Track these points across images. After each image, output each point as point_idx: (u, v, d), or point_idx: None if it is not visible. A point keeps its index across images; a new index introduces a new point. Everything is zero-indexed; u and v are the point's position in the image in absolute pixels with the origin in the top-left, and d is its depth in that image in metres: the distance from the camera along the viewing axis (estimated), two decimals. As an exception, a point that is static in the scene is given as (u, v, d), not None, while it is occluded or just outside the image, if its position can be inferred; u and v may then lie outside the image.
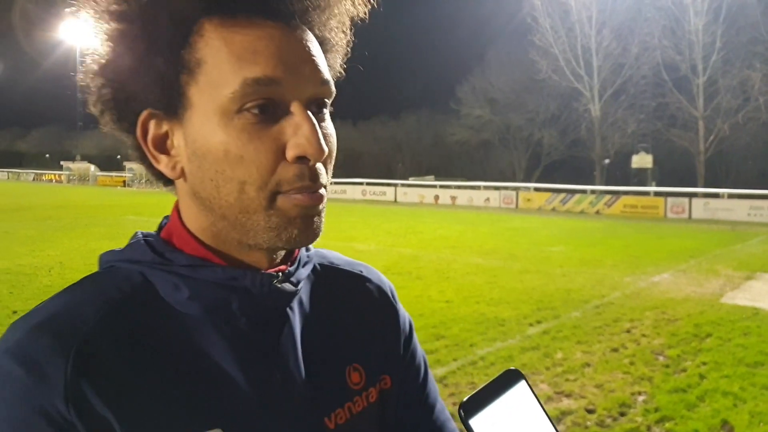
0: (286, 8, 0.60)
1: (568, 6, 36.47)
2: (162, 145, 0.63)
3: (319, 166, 0.61)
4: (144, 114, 0.62)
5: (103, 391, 0.54)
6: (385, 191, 32.03)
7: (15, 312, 6.55)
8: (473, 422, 0.55)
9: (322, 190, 0.62)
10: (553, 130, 45.32)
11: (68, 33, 67.19)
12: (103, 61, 0.61)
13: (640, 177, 34.82)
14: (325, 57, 0.65)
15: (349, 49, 0.71)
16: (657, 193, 25.79)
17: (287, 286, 0.65)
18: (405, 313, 0.84)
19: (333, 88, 0.63)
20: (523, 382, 0.59)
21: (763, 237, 16.27)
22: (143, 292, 0.61)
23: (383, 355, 0.77)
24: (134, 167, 47.29)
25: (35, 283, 8.15)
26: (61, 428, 0.52)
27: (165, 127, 0.62)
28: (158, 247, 0.64)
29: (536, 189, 30.44)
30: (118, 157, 67.61)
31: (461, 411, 0.55)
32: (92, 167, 52.83)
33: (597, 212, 24.97)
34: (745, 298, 8.03)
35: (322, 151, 0.59)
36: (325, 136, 0.61)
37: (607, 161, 38.42)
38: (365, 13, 0.69)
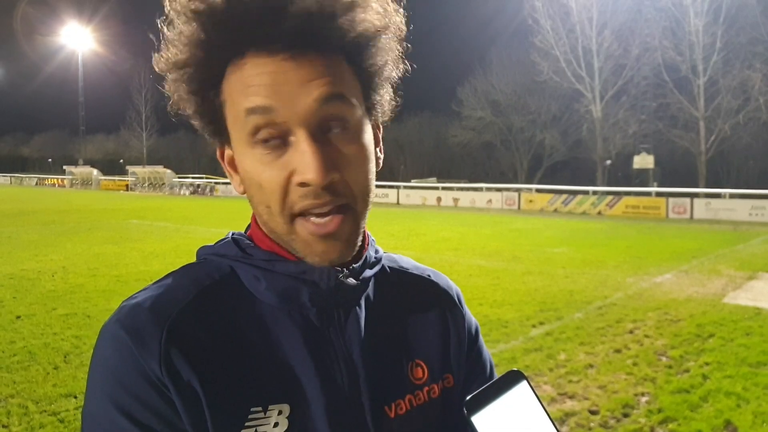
0: (286, 40, 0.62)
1: (569, 7, 36.46)
2: (234, 165, 0.72)
3: (330, 186, 0.64)
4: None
5: (189, 359, 0.63)
6: (387, 193, 32.00)
7: (19, 317, 6.57)
8: (475, 419, 0.58)
9: (342, 210, 0.65)
10: (555, 132, 45.30)
11: (70, 38, 67.54)
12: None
13: (641, 178, 34.79)
14: (365, 77, 0.68)
15: (397, 61, 0.72)
16: (659, 194, 25.73)
17: (351, 281, 0.71)
18: (472, 317, 0.89)
19: (345, 105, 0.65)
20: (524, 383, 0.61)
21: (765, 237, 16.23)
22: (230, 281, 0.71)
23: (447, 354, 0.82)
24: (137, 171, 47.35)
25: (38, 288, 8.17)
26: (157, 388, 0.62)
27: (230, 152, 0.71)
28: (242, 244, 0.73)
29: (538, 190, 30.40)
30: (121, 161, 67.88)
31: (464, 408, 0.59)
32: (95, 171, 52.81)
33: (599, 213, 24.93)
34: (748, 298, 8.03)
35: (322, 176, 0.62)
36: (337, 156, 0.64)
37: (608, 162, 38.37)
38: (405, 32, 0.71)
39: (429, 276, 0.87)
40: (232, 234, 0.76)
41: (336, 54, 0.65)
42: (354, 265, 0.73)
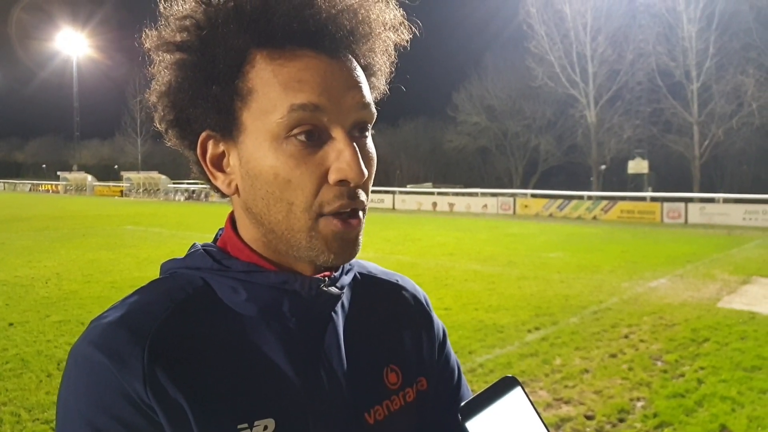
0: (330, 41, 0.64)
1: (563, 13, 36.66)
2: (219, 163, 0.70)
3: (360, 187, 0.66)
4: (203, 135, 0.68)
5: (174, 377, 0.61)
6: (383, 198, 32.02)
7: (11, 324, 6.53)
8: (470, 425, 0.59)
9: (360, 213, 0.66)
10: (550, 137, 45.48)
11: (65, 44, 67.49)
12: (165, 87, 0.67)
13: (636, 182, 34.91)
14: (370, 80, 0.70)
15: (393, 68, 0.75)
16: (653, 199, 25.86)
17: (333, 289, 0.71)
18: (439, 320, 0.89)
19: (374, 111, 0.68)
20: (518, 389, 0.62)
21: (759, 241, 16.31)
22: (204, 294, 0.68)
23: (419, 358, 0.82)
24: (132, 177, 47.22)
25: (32, 295, 8.12)
26: (141, 409, 0.59)
27: (222, 148, 0.69)
28: (216, 255, 0.71)
29: (533, 195, 30.48)
30: (116, 166, 67.65)
31: (459, 414, 0.59)
32: (89, 177, 52.63)
33: (594, 218, 25.01)
34: (742, 303, 8.05)
35: (362, 174, 0.64)
36: (366, 159, 0.65)
37: (603, 167, 38.51)
38: (407, 42, 0.74)
39: (397, 281, 0.87)
40: (202, 245, 0.73)
41: (358, 60, 0.69)
42: (335, 274, 0.73)
